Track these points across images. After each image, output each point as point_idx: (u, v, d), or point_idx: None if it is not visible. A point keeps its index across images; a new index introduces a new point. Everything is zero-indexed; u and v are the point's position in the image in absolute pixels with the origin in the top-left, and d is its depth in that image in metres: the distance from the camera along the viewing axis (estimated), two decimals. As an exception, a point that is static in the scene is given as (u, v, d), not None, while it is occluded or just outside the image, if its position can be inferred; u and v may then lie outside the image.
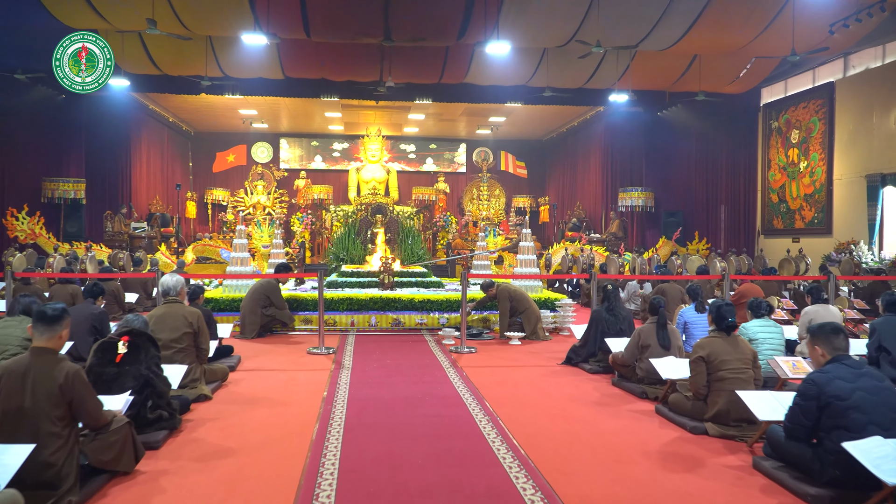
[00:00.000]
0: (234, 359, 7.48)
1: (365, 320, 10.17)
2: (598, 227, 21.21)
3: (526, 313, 9.42)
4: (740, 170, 19.16)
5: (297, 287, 11.79)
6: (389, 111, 22.79)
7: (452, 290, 11.68)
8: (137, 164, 21.18)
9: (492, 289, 9.53)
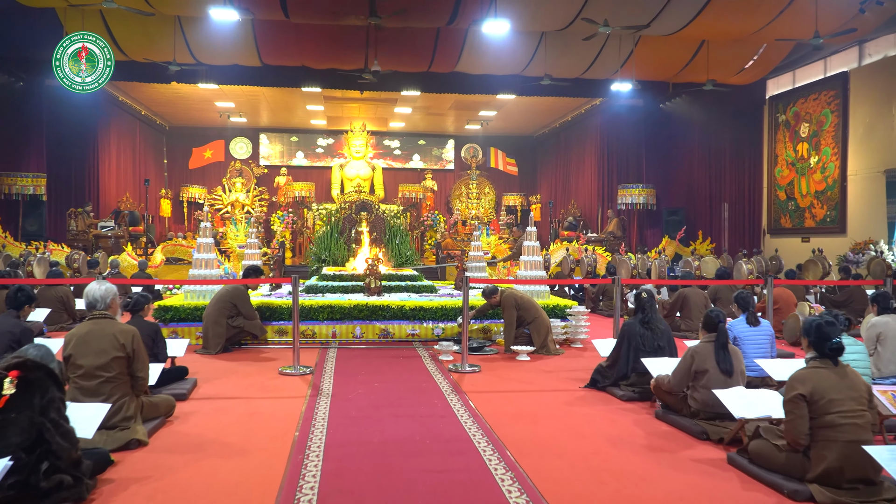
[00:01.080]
0: (187, 383, 6.03)
1: (348, 331, 8.75)
2: (593, 226, 19.90)
3: (535, 324, 8.04)
4: (745, 166, 17.95)
5: (273, 293, 10.34)
6: (375, 104, 21.34)
7: (447, 295, 10.27)
8: (106, 159, 19.58)
9: (495, 295, 8.14)
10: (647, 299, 6.11)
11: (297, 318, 6.84)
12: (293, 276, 6.84)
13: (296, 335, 6.83)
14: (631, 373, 5.95)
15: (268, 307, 8.68)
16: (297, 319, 6.84)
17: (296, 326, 6.82)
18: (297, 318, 6.85)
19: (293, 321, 6.82)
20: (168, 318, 8.51)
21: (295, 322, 6.82)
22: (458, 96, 19.75)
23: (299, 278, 12.73)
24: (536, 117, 22.48)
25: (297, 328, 6.83)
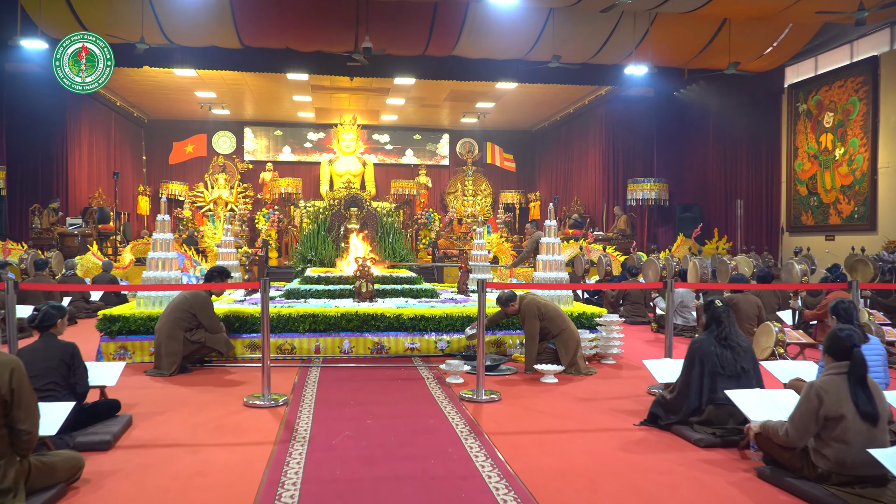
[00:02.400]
0: (115, 424, 4.44)
1: (335, 345, 7.17)
2: (599, 224, 18.38)
3: (562, 337, 6.49)
4: (762, 159, 16.49)
5: (248, 298, 8.75)
6: (366, 95, 19.74)
7: (450, 301, 8.71)
8: (76, 152, 17.86)
9: (513, 303, 6.59)
10: (723, 309, 4.57)
11: (266, 334, 5.26)
12: (263, 280, 5.25)
13: (266, 355, 5.25)
14: (706, 405, 4.42)
15: (237, 316, 7.09)
16: (266, 335, 5.26)
17: (266, 344, 5.24)
18: (266, 333, 5.26)
19: (263, 337, 5.24)
20: (115, 330, 6.91)
21: (265, 338, 5.24)
22: (454, 86, 18.19)
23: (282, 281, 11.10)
24: (536, 109, 20.94)
25: (267, 347, 5.25)
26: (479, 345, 5.44)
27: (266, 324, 5.26)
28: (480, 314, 5.46)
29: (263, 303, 5.26)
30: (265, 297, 5.26)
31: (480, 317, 5.47)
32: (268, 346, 5.26)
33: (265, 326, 5.25)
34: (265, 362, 5.25)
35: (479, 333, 5.45)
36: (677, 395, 4.59)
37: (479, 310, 5.46)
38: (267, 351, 5.25)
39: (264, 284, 5.26)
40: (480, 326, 5.47)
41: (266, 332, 5.25)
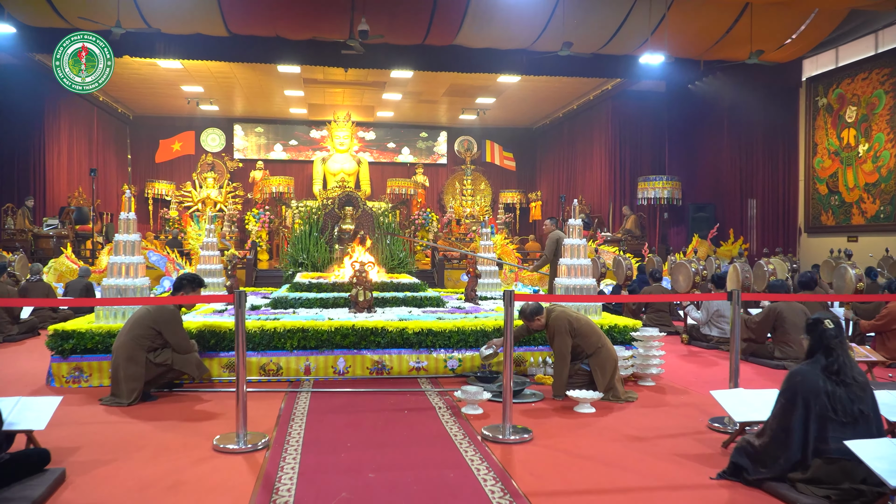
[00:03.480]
0: (39, 485, 3.32)
1: (327, 364, 6.05)
2: (607, 224, 17.31)
3: (598, 357, 5.40)
4: (778, 156, 15.49)
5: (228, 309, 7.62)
6: (361, 90, 18.62)
7: (458, 311, 7.61)
8: (55, 149, 16.68)
9: (539, 316, 5.49)
10: (834, 333, 3.48)
11: (242, 359, 4.15)
12: (237, 293, 4.14)
13: (241, 385, 4.13)
14: (812, 458, 3.34)
15: (213, 331, 5.96)
16: (242, 361, 4.14)
17: (241, 372, 4.12)
18: (242, 358, 4.15)
19: (238, 363, 4.12)
20: (68, 348, 5.77)
21: (240, 365, 4.12)
22: (453, 80, 17.11)
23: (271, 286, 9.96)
24: (538, 105, 19.85)
25: (242, 375, 4.13)
26: (506, 370, 4.35)
27: (241, 347, 4.14)
28: (508, 333, 4.36)
29: (239, 318, 4.15)
30: (240, 315, 4.15)
31: (507, 335, 4.37)
32: (244, 373, 4.14)
33: (240, 350, 4.13)
34: (240, 394, 4.13)
35: (507, 354, 4.35)
36: (770, 443, 3.50)
37: (506, 327, 4.36)
38: (243, 380, 4.13)
39: (239, 298, 4.14)
40: (508, 346, 4.37)
41: (241, 358, 4.14)
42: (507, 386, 4.36)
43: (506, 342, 4.38)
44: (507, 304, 4.40)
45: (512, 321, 4.40)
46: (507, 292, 4.39)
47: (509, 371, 4.35)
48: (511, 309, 4.39)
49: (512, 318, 4.40)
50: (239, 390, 4.13)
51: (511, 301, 4.40)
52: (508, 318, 4.38)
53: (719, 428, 4.55)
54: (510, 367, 4.36)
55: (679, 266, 8.26)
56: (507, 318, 4.38)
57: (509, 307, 4.39)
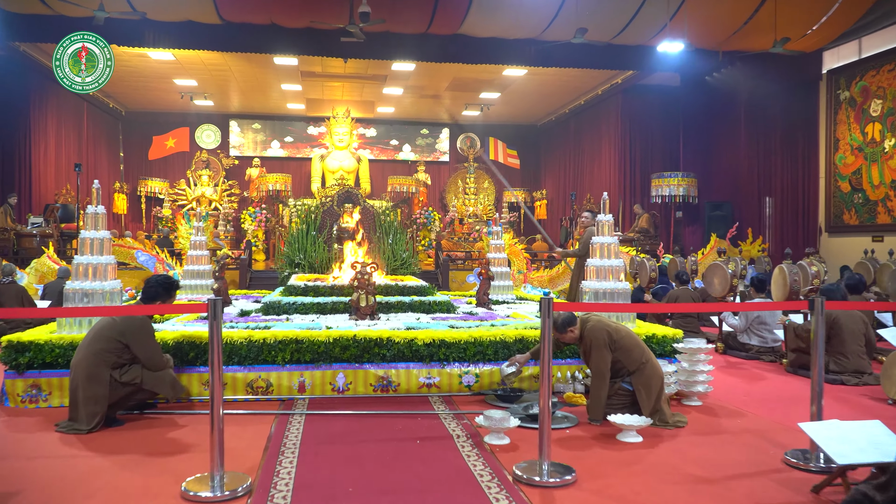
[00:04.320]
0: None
1: (325, 381, 5.21)
2: (618, 223, 16.46)
3: (642, 374, 4.56)
4: (798, 152, 14.65)
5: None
6: (360, 84, 17.77)
7: (469, 316, 6.77)
8: (41, 144, 15.80)
9: (572, 327, 4.65)
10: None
11: (217, 383, 3.30)
12: (212, 301, 3.30)
13: (216, 418, 3.29)
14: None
15: (193, 343, 5.11)
16: (217, 384, 3.30)
17: (216, 398, 3.28)
18: (217, 380, 3.31)
19: (211, 386, 3.28)
20: (24, 362, 4.92)
21: (215, 390, 3.28)
22: (457, 73, 16.27)
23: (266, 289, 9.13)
24: (544, 101, 19.00)
25: (217, 402, 3.29)
26: (543, 394, 3.51)
27: (217, 368, 3.30)
28: (546, 349, 3.52)
29: (213, 337, 3.30)
30: (216, 329, 3.30)
31: (545, 352, 3.53)
32: (219, 400, 3.30)
33: (215, 372, 3.29)
34: (216, 427, 3.29)
35: (544, 371, 3.51)
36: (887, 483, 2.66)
37: (543, 342, 3.53)
38: (219, 409, 3.29)
39: (214, 308, 3.29)
40: (545, 364, 3.53)
41: (216, 381, 3.30)
42: (544, 412, 3.52)
43: (543, 360, 3.54)
44: (545, 313, 3.56)
45: (549, 334, 3.56)
46: (545, 299, 3.55)
47: (547, 394, 3.52)
48: (549, 320, 3.55)
49: (549, 330, 3.56)
50: (214, 422, 3.29)
51: (549, 310, 3.56)
52: (546, 331, 3.54)
53: (800, 465, 3.71)
54: (548, 390, 3.52)
55: (714, 268, 7.43)
56: (545, 332, 3.54)
57: (547, 317, 3.55)
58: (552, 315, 4.62)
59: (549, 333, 3.54)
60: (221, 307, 3.32)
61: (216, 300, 3.29)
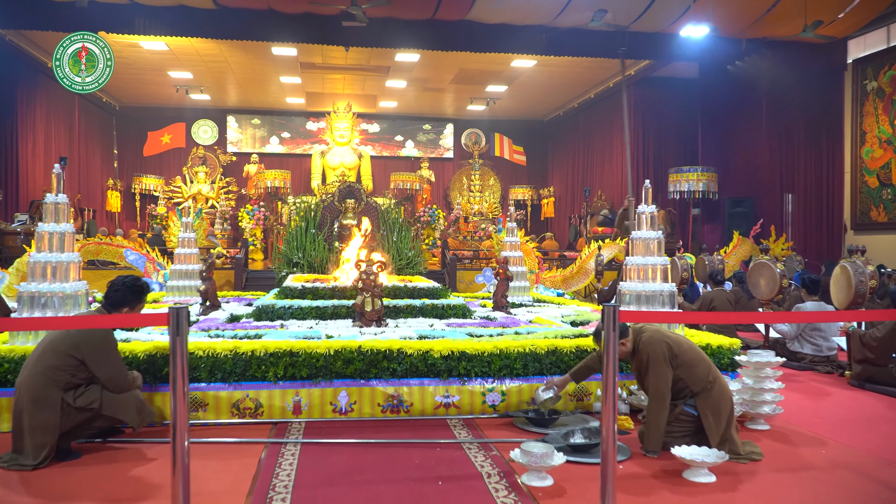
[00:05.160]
0: None
1: (324, 401, 4.36)
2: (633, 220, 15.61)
3: (709, 396, 3.72)
4: (822, 145, 13.81)
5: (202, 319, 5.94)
6: (362, 76, 16.92)
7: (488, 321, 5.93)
8: (29, 139, 14.96)
9: (624, 339, 3.82)
10: None
11: (181, 412, 2.47)
12: (174, 310, 2.46)
13: (179, 454, 2.46)
14: None
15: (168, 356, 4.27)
16: (181, 416, 2.47)
17: (178, 431, 2.45)
18: (181, 407, 2.48)
19: (173, 419, 2.45)
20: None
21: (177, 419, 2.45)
22: (462, 65, 15.43)
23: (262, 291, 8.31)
24: (553, 94, 18.13)
25: (181, 434, 2.46)
26: (607, 434, 2.68)
27: (180, 398, 2.47)
28: (610, 371, 2.69)
29: (176, 346, 2.47)
30: (178, 346, 2.47)
31: (609, 376, 2.70)
32: (182, 441, 2.47)
33: (178, 403, 2.46)
34: (178, 466, 2.46)
35: (607, 401, 2.69)
36: None
37: (607, 361, 2.69)
38: (181, 444, 2.46)
39: (176, 319, 2.46)
40: (610, 390, 2.70)
41: (180, 412, 2.46)
42: (608, 458, 2.69)
43: (607, 386, 2.71)
44: (609, 324, 2.72)
45: (615, 353, 2.72)
46: (609, 308, 2.72)
47: (611, 431, 2.68)
48: (614, 333, 2.72)
49: (614, 347, 2.73)
50: (177, 463, 2.45)
51: (614, 320, 2.72)
52: (611, 347, 2.70)
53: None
54: (612, 424, 2.69)
55: (760, 267, 6.59)
56: (610, 349, 2.70)
57: (612, 331, 2.71)
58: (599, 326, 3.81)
59: (615, 353, 2.70)
60: (187, 318, 2.49)
61: (179, 310, 2.46)
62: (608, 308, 2.71)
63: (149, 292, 3.87)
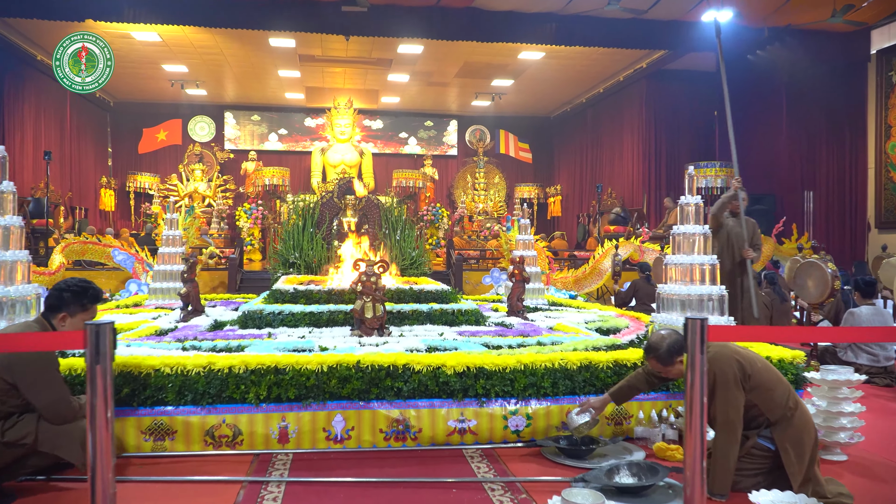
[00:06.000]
0: None
1: (316, 426, 3.62)
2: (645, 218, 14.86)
3: (787, 425, 2.99)
4: (844, 140, 13.08)
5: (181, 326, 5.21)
6: (364, 70, 16.19)
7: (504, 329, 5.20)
8: (17, 134, 14.23)
9: (678, 357, 3.08)
10: None
11: (103, 462, 1.74)
12: (90, 327, 1.73)
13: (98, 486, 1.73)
14: None
15: (127, 373, 3.53)
16: (104, 464, 1.74)
17: (100, 485, 1.72)
18: (104, 453, 1.74)
19: (90, 464, 1.72)
20: None
21: (96, 470, 1.72)
22: (468, 57, 14.71)
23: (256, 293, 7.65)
24: (561, 88, 17.38)
25: (103, 487, 1.73)
26: (692, 481, 1.94)
27: (101, 442, 1.73)
28: (696, 405, 1.96)
29: (93, 387, 1.74)
30: (98, 378, 1.74)
31: (694, 416, 1.97)
32: (105, 486, 1.74)
33: (99, 444, 1.73)
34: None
35: (691, 445, 1.95)
36: None
37: (692, 397, 1.96)
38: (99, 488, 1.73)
39: (94, 339, 1.73)
40: (695, 433, 1.97)
41: (101, 460, 1.73)
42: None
43: (691, 429, 1.97)
44: (696, 344, 1.99)
45: (703, 384, 1.99)
46: (694, 321, 1.98)
47: (698, 487, 1.95)
48: (702, 356, 1.98)
49: (702, 376, 1.99)
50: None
51: (702, 337, 1.99)
52: (698, 376, 1.97)
53: None
54: (700, 482, 1.95)
55: (808, 267, 5.86)
56: (697, 378, 1.97)
57: (700, 353, 1.98)
58: (653, 339, 3.09)
59: (703, 382, 1.97)
60: (111, 338, 1.76)
61: (97, 327, 1.73)
62: (694, 322, 1.97)
63: (99, 298, 3.13)
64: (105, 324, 1.77)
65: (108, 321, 1.79)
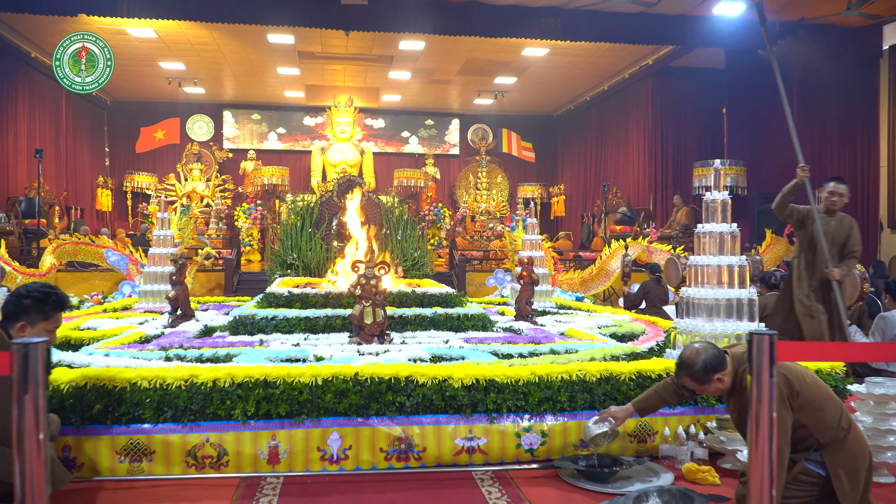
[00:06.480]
0: None
1: (310, 445, 3.27)
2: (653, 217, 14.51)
3: (840, 448, 2.63)
4: (855, 138, 12.72)
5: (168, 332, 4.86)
6: (364, 67, 15.83)
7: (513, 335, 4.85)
8: (11, 132, 13.90)
9: (721, 373, 2.72)
10: None
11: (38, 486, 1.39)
12: (17, 346, 1.38)
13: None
14: None
15: (100, 387, 3.18)
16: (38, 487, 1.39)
17: None
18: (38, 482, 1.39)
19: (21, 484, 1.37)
20: None
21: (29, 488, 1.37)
22: (470, 54, 14.36)
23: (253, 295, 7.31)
24: (565, 86, 17.00)
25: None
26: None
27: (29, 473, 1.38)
28: (764, 433, 1.61)
29: (21, 420, 1.39)
30: (27, 408, 1.39)
31: (762, 447, 1.61)
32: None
33: (28, 477, 1.38)
34: None
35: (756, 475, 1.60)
36: None
37: (758, 424, 1.61)
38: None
39: (23, 360, 1.38)
40: (764, 463, 1.61)
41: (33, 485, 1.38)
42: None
43: (757, 463, 1.62)
44: (761, 362, 1.63)
45: (771, 409, 1.64)
46: (760, 337, 1.63)
47: None
48: (771, 380, 1.63)
49: (770, 399, 1.64)
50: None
51: (771, 354, 1.63)
52: (766, 399, 1.62)
53: None
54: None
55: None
56: (765, 401, 1.62)
57: (766, 375, 1.62)
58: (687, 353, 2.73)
59: (771, 406, 1.62)
60: (44, 360, 1.41)
61: (27, 347, 1.37)
62: (759, 338, 1.62)
63: (63, 305, 2.78)
64: (37, 343, 1.42)
65: (39, 340, 1.43)
